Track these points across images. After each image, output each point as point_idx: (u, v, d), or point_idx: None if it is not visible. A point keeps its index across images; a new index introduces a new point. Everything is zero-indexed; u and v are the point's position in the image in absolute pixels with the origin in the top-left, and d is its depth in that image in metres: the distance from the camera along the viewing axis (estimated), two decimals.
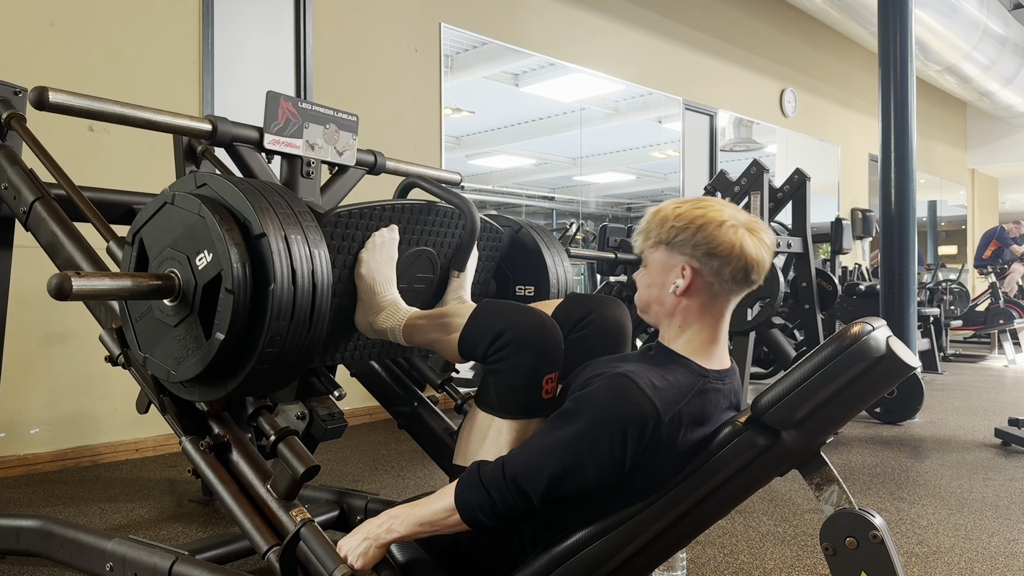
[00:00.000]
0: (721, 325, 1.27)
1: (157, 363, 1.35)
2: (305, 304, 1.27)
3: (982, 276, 8.86)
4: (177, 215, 1.31)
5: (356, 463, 3.10)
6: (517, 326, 1.31)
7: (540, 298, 1.86)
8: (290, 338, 1.27)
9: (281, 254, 1.24)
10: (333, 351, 1.57)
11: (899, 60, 4.15)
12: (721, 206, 1.25)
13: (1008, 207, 14.84)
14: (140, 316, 1.38)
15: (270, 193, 1.31)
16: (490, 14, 4.88)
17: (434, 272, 1.67)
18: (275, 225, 1.26)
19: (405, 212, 1.55)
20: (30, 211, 1.79)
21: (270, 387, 1.36)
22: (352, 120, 1.82)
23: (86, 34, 3.14)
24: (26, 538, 1.63)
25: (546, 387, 1.32)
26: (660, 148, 7.31)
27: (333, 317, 1.50)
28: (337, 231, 1.44)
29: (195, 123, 1.64)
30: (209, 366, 1.26)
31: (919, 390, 3.91)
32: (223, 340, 1.23)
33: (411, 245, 1.60)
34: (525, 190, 8.14)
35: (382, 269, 1.51)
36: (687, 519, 1.21)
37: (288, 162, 1.73)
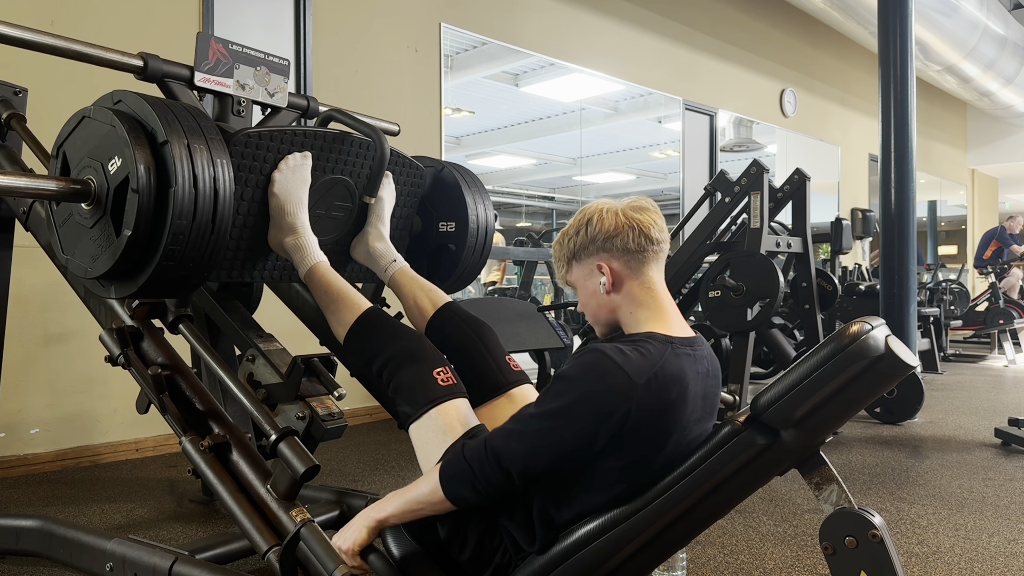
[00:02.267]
0: (659, 292, 1.32)
1: (77, 263, 1.47)
2: (206, 207, 1.38)
3: (982, 276, 8.86)
4: (94, 127, 1.43)
5: (356, 463, 3.10)
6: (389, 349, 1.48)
7: (460, 234, 1.98)
8: (192, 238, 1.37)
9: (183, 159, 1.35)
10: (251, 267, 1.67)
11: (899, 60, 4.15)
12: (596, 204, 1.34)
13: (1008, 207, 14.84)
14: (63, 222, 1.50)
15: (179, 110, 1.42)
16: (490, 14, 4.88)
17: (352, 202, 1.78)
18: (179, 135, 1.37)
19: (318, 139, 1.65)
20: (30, 211, 1.79)
21: (178, 287, 1.46)
22: (283, 64, 1.86)
23: (86, 34, 3.14)
24: (26, 538, 1.63)
25: (440, 377, 1.45)
26: (660, 148, 7.32)
27: (249, 235, 1.62)
28: (247, 151, 1.55)
29: (126, 58, 1.69)
30: (119, 261, 1.38)
31: (919, 390, 3.91)
32: (130, 236, 1.34)
33: (326, 172, 1.69)
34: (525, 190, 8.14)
35: (294, 191, 1.61)
36: (687, 519, 1.21)
37: (219, 101, 1.77)
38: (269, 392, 1.59)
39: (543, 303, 5.70)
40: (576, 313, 5.62)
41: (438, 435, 1.41)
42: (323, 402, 1.64)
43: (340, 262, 1.83)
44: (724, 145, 7.10)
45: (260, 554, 1.33)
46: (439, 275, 2.00)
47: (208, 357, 1.51)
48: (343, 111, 1.78)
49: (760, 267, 3.61)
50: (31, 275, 2.90)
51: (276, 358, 1.62)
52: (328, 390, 1.66)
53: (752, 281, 3.60)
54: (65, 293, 2.63)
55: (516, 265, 6.63)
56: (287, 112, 1.94)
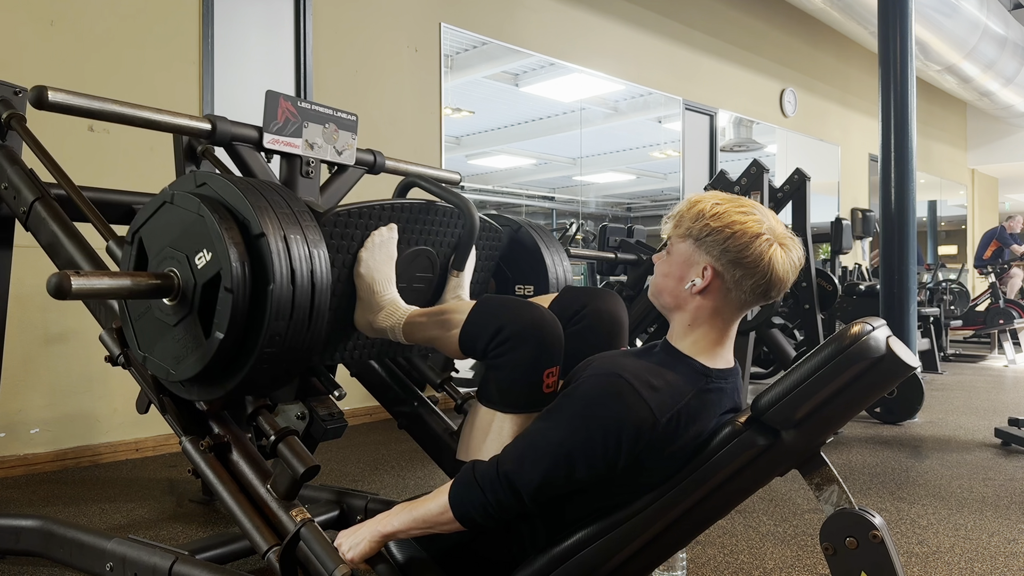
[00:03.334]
0: (731, 329, 1.26)
1: (156, 362, 1.36)
2: (304, 304, 1.27)
3: (982, 276, 8.85)
4: (176, 214, 1.31)
5: (356, 463, 3.10)
6: (516, 321, 1.31)
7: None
8: (289, 338, 1.27)
9: (280, 254, 1.24)
10: (332, 350, 1.57)
11: (899, 60, 4.15)
12: (762, 215, 1.21)
13: (1008, 207, 14.83)
14: (139, 316, 1.38)
15: (269, 192, 1.32)
16: (490, 14, 4.87)
17: (433, 271, 1.68)
18: (274, 224, 1.26)
19: (404, 211, 1.55)
20: (30, 211, 1.79)
21: (269, 387, 1.36)
22: (351, 120, 1.82)
23: (86, 34, 3.14)
24: (26, 538, 1.63)
25: (547, 381, 1.32)
26: (660, 148, 7.31)
27: (332, 316, 1.50)
28: (336, 230, 1.44)
29: (194, 122, 1.64)
30: (208, 365, 1.26)
31: (919, 390, 3.91)
32: (222, 339, 1.23)
33: (410, 244, 1.60)
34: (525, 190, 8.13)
35: (381, 268, 1.51)
36: (687, 519, 1.21)
37: (287, 162, 1.73)
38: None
39: None
40: None
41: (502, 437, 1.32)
42: (323, 402, 1.64)
43: None
44: (724, 145, 7.09)
45: (260, 554, 1.33)
46: None
47: None
48: (424, 176, 1.69)
49: None
50: (31, 275, 2.90)
51: None
52: (328, 390, 1.66)
53: None
54: None
55: None
56: (354, 170, 1.90)
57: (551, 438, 1.18)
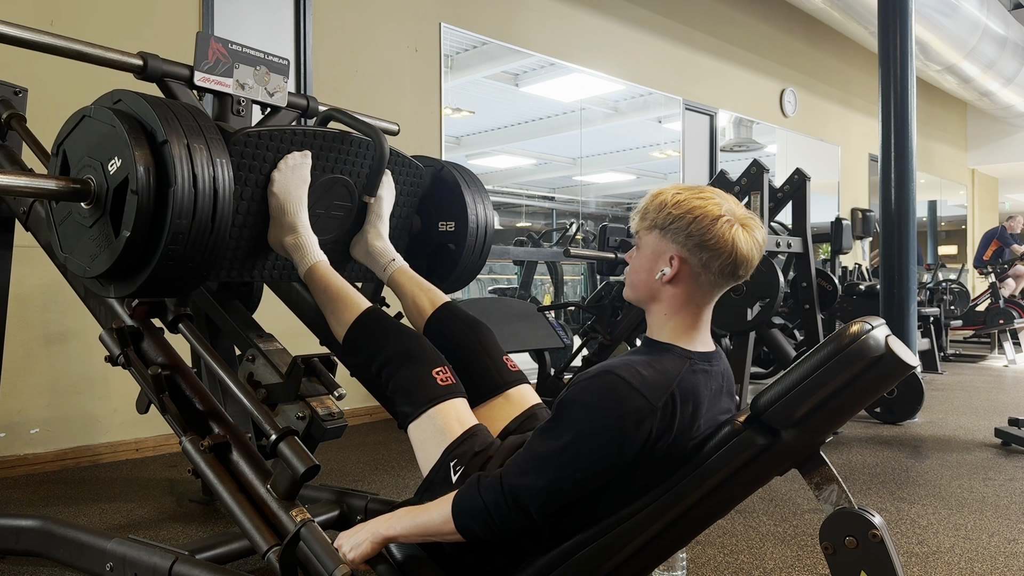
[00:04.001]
0: (704, 313, 1.29)
1: (76, 261, 1.47)
2: (206, 207, 1.37)
3: (982, 276, 8.85)
4: (94, 126, 1.42)
5: (356, 463, 3.10)
6: (387, 349, 1.49)
7: (460, 233, 1.98)
8: (192, 238, 1.37)
9: (183, 159, 1.35)
10: (251, 267, 1.68)
11: (899, 60, 4.15)
12: (720, 199, 1.25)
13: (1008, 207, 14.83)
14: (62, 221, 1.50)
15: (178, 109, 1.41)
16: (490, 14, 4.88)
17: (352, 201, 1.78)
18: (178, 134, 1.36)
19: (318, 138, 1.65)
20: (30, 211, 1.79)
21: (178, 287, 1.47)
22: (283, 63, 1.86)
23: (86, 34, 3.14)
24: (26, 538, 1.63)
25: (440, 377, 1.46)
26: (660, 148, 7.31)
27: (249, 234, 1.62)
28: (247, 150, 1.54)
29: (126, 57, 1.68)
30: (118, 261, 1.38)
31: (919, 390, 3.91)
32: (129, 237, 1.34)
33: (326, 172, 1.69)
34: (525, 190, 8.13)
35: (293, 191, 1.61)
36: (687, 519, 1.21)
37: (219, 100, 1.77)
38: (269, 392, 1.59)
39: (543, 303, 5.70)
40: (576, 313, 5.63)
41: (437, 435, 1.41)
42: (323, 402, 1.64)
43: (340, 261, 1.83)
44: (724, 145, 7.09)
45: (260, 554, 1.33)
46: (438, 274, 2.01)
47: (208, 357, 1.51)
48: (342, 111, 1.78)
49: (760, 267, 3.60)
50: (31, 275, 2.90)
51: (276, 358, 1.62)
52: (328, 390, 1.66)
53: (752, 281, 3.60)
54: (65, 293, 2.64)
55: (516, 265, 6.63)
56: (287, 112, 1.94)
57: (553, 448, 1.18)
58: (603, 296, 4.31)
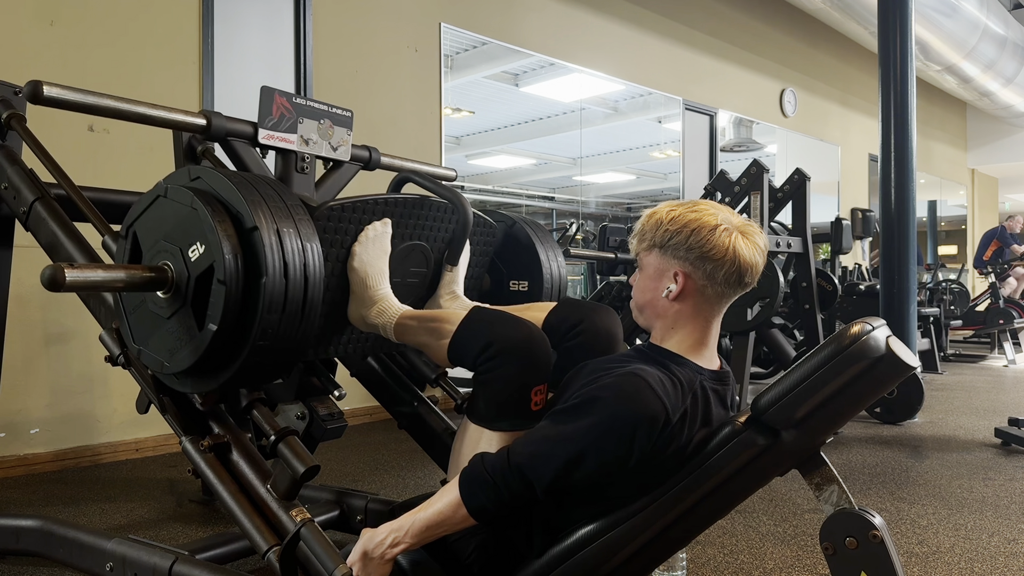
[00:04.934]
0: (712, 327, 1.28)
1: (151, 355, 1.36)
2: (297, 297, 1.28)
3: (982, 276, 8.85)
4: (170, 208, 1.31)
5: (356, 463, 3.10)
6: (506, 337, 1.32)
7: (534, 293, 1.87)
8: (282, 331, 1.28)
9: (273, 247, 1.25)
10: (326, 344, 1.57)
11: (899, 60, 4.15)
12: (715, 210, 1.25)
13: (1008, 207, 14.83)
14: (134, 309, 1.39)
15: (262, 186, 1.32)
16: (490, 14, 4.88)
17: (428, 266, 1.68)
18: (267, 218, 1.26)
19: (398, 206, 1.56)
20: (30, 211, 1.79)
21: (262, 379, 1.38)
22: (347, 116, 1.82)
23: (86, 34, 3.14)
24: (26, 538, 1.63)
25: (535, 399, 1.32)
26: (660, 148, 7.31)
27: (326, 310, 1.50)
28: (330, 224, 1.45)
29: (190, 118, 1.64)
30: (202, 357, 1.27)
31: (919, 390, 3.91)
32: (216, 331, 1.23)
33: (404, 239, 1.61)
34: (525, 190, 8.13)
35: (375, 263, 1.52)
36: (687, 518, 1.21)
37: (282, 157, 1.74)
38: (269, 392, 1.59)
39: None
40: None
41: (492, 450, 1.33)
42: (323, 402, 1.64)
43: None
44: (724, 145, 7.09)
45: (260, 554, 1.33)
46: None
47: None
48: (418, 172, 1.70)
49: None
50: (31, 275, 2.89)
51: None
52: (328, 390, 1.66)
53: None
54: (65, 293, 2.63)
55: None
56: (349, 166, 1.90)
57: (566, 432, 1.18)
58: (603, 296, 4.31)
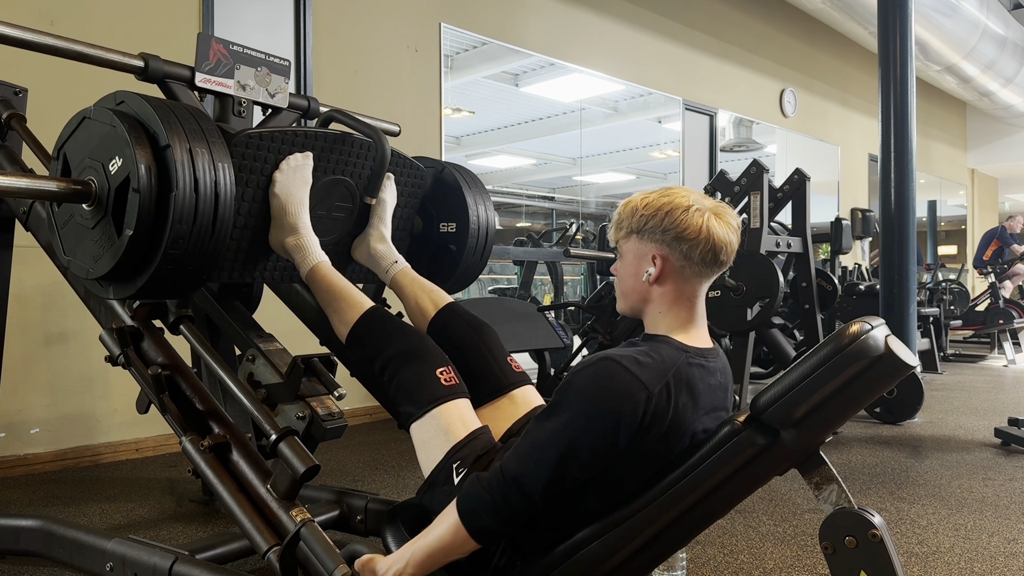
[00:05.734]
0: (696, 305, 1.30)
1: (79, 263, 1.47)
2: (207, 211, 1.37)
3: (982, 276, 8.85)
4: (95, 128, 1.42)
5: (356, 463, 3.10)
6: (396, 349, 1.48)
7: (461, 234, 1.98)
8: (192, 241, 1.37)
9: (184, 163, 1.34)
10: (252, 268, 1.67)
11: (899, 60, 4.15)
12: (686, 192, 1.29)
13: (1008, 207, 14.84)
14: (64, 224, 1.50)
15: (180, 111, 1.41)
16: (490, 14, 4.88)
17: (353, 202, 1.78)
18: (181, 137, 1.36)
19: (319, 139, 1.64)
20: (30, 211, 1.79)
21: (178, 289, 1.47)
22: (284, 64, 1.86)
23: (86, 33, 3.14)
24: (26, 538, 1.63)
25: (444, 377, 1.45)
26: (660, 148, 7.31)
27: (250, 235, 1.62)
28: (248, 151, 1.54)
29: (127, 59, 1.68)
30: (120, 262, 1.37)
31: (919, 390, 3.91)
32: (131, 236, 1.34)
33: (327, 173, 1.69)
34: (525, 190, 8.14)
35: (295, 192, 1.61)
36: (687, 518, 1.21)
37: (220, 101, 1.77)
38: (269, 392, 1.59)
39: (543, 303, 5.70)
40: (576, 313, 5.63)
41: (440, 435, 1.40)
42: (323, 402, 1.64)
43: (341, 263, 1.83)
44: (724, 145, 7.10)
45: (260, 554, 1.33)
46: (440, 276, 2.01)
47: (208, 357, 1.51)
48: (344, 112, 1.77)
49: (760, 267, 3.61)
50: (31, 275, 2.90)
51: (276, 358, 1.62)
52: (328, 390, 1.66)
53: (752, 281, 3.60)
54: (65, 293, 2.63)
55: (516, 265, 6.63)
56: (288, 113, 1.94)
57: (550, 431, 1.18)
58: (603, 296, 4.31)
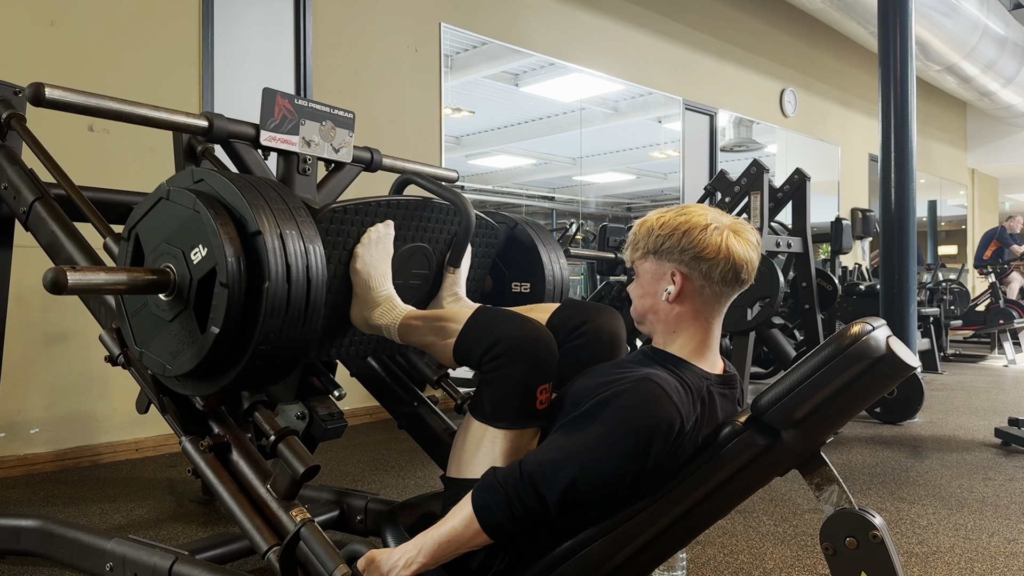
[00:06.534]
0: (713, 329, 1.28)
1: (153, 358, 1.36)
2: (299, 301, 1.28)
3: (982, 276, 8.85)
4: (173, 210, 1.31)
5: (356, 463, 3.10)
6: (511, 336, 1.32)
7: (536, 295, 1.87)
8: (284, 334, 1.28)
9: (276, 251, 1.25)
10: (329, 346, 1.57)
11: (899, 60, 4.15)
12: (704, 211, 1.26)
13: (1008, 207, 14.84)
14: (136, 312, 1.39)
15: (265, 189, 1.32)
16: (490, 14, 4.88)
17: (430, 268, 1.68)
18: (270, 221, 1.26)
19: (400, 208, 1.56)
20: (30, 211, 1.79)
21: (265, 382, 1.37)
22: (348, 117, 1.82)
23: (86, 34, 3.14)
24: (26, 538, 1.63)
25: (540, 397, 1.32)
26: (660, 148, 7.32)
27: (329, 312, 1.50)
28: (332, 227, 1.45)
29: (191, 119, 1.64)
30: (204, 360, 1.27)
31: (919, 390, 3.91)
32: (218, 334, 1.23)
33: (406, 241, 1.60)
34: (525, 190, 8.14)
35: (377, 264, 1.51)
36: (687, 519, 1.21)
37: (284, 159, 1.74)
38: (269, 392, 1.59)
39: None
40: None
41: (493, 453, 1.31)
42: (323, 402, 1.64)
43: None
44: (724, 145, 7.09)
45: (260, 554, 1.33)
46: None
47: None
48: (421, 174, 1.70)
49: (760, 267, 3.60)
50: (31, 275, 2.89)
51: None
52: (328, 390, 1.66)
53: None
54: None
55: None
56: (351, 167, 1.90)
57: (579, 441, 1.17)
58: (603, 296, 4.31)
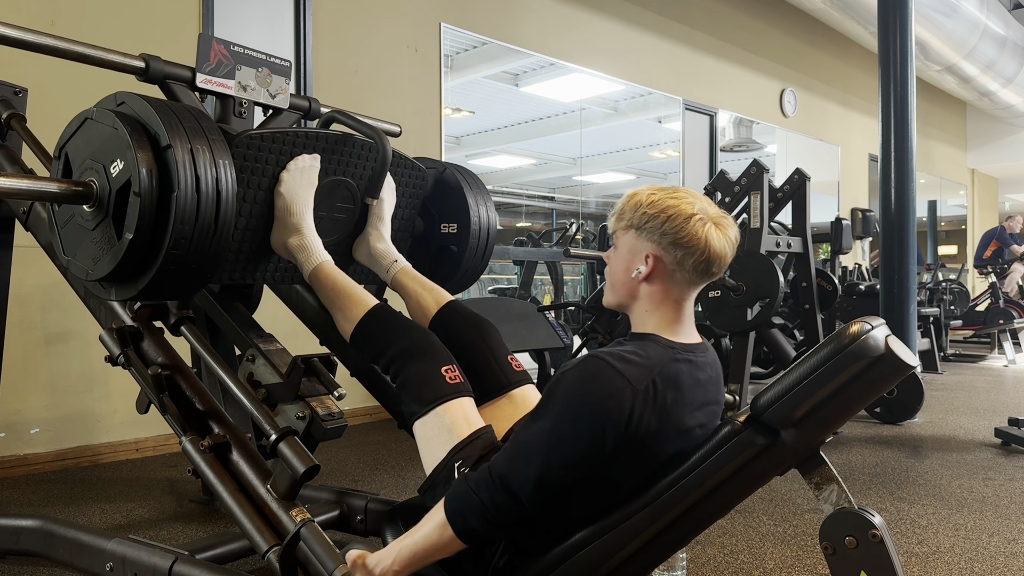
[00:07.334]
0: (684, 307, 1.30)
1: (79, 264, 1.47)
2: (209, 211, 1.38)
3: (982, 276, 8.85)
4: (96, 129, 1.43)
5: (356, 463, 3.10)
6: (401, 345, 1.48)
7: (462, 236, 1.99)
8: (194, 242, 1.37)
9: (185, 164, 1.35)
10: (253, 269, 1.68)
11: (899, 60, 4.15)
12: (694, 199, 1.27)
13: (1008, 207, 14.84)
14: (64, 224, 1.51)
15: (181, 112, 1.41)
16: (490, 14, 4.88)
17: (354, 203, 1.79)
18: (182, 138, 1.36)
19: (321, 140, 1.66)
20: (30, 211, 1.80)
21: (180, 289, 1.48)
22: (285, 65, 1.86)
23: (86, 34, 3.14)
24: (26, 538, 1.63)
25: (448, 376, 1.45)
26: (660, 148, 7.31)
27: (252, 236, 1.62)
28: (249, 152, 1.55)
29: (128, 59, 1.68)
30: (120, 264, 1.38)
31: (919, 390, 3.91)
32: (132, 239, 1.34)
33: (328, 174, 1.70)
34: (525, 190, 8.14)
35: (300, 192, 1.61)
36: (687, 519, 1.21)
37: (221, 102, 1.77)
38: (269, 392, 1.59)
39: (543, 303, 5.70)
40: (576, 313, 5.63)
41: (443, 433, 1.40)
42: (323, 402, 1.64)
43: (342, 264, 1.83)
44: (724, 145, 7.09)
45: (260, 554, 1.33)
46: (441, 276, 2.01)
47: (208, 357, 1.52)
48: (345, 112, 1.78)
49: (760, 267, 3.61)
50: (31, 275, 2.90)
51: (276, 358, 1.62)
52: (328, 390, 1.66)
53: (752, 281, 3.60)
54: (65, 293, 2.63)
55: (516, 265, 6.63)
56: (289, 113, 1.94)
57: (539, 431, 1.18)
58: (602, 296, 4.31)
